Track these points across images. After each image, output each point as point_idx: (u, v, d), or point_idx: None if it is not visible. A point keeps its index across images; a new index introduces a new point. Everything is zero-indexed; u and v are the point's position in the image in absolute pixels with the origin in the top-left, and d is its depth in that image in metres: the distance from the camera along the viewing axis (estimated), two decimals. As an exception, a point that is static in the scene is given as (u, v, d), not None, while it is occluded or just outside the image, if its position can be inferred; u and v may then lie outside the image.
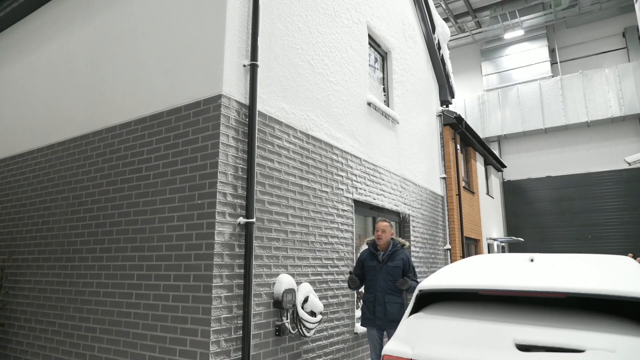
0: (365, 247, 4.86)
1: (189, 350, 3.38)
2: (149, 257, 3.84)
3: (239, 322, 3.58)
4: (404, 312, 4.03)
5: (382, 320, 4.43)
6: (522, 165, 19.05)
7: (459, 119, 10.39)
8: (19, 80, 5.88)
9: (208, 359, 3.26)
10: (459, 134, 11.04)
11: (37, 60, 5.69)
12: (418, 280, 4.43)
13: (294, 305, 4.12)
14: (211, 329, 3.31)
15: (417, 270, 7.45)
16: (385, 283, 4.46)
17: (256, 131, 3.95)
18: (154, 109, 4.13)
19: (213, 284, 3.38)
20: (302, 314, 4.18)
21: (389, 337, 4.32)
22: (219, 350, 3.36)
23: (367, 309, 4.54)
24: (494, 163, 15.97)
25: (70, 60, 5.17)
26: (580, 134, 18.07)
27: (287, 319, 4.10)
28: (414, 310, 2.90)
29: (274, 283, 4.04)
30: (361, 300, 4.79)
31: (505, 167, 17.89)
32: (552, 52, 19.42)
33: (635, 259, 5.91)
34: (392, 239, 4.69)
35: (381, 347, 4.43)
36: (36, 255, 4.91)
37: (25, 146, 5.47)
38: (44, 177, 5.08)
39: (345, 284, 5.24)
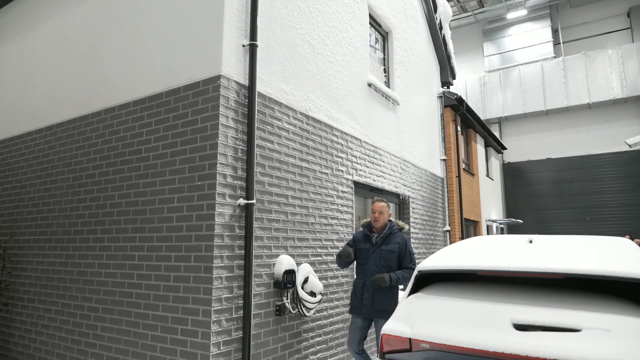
0: (361, 229, 4.56)
1: (191, 330, 3.43)
2: (149, 238, 3.86)
3: (239, 302, 3.62)
4: (395, 303, 3.89)
5: (368, 308, 4.10)
6: (523, 147, 19.01)
7: (460, 100, 10.32)
8: (16, 61, 5.82)
9: (209, 338, 3.31)
10: (460, 116, 10.99)
11: (33, 40, 5.61)
12: (414, 267, 4.09)
13: (294, 286, 4.16)
14: (212, 309, 3.35)
15: (416, 252, 7.52)
16: (376, 268, 4.12)
17: (256, 112, 3.92)
18: (152, 90, 4.10)
19: (214, 265, 3.41)
20: (302, 294, 4.22)
21: (377, 329, 4.15)
22: (220, 329, 3.41)
23: (354, 296, 4.24)
24: (495, 145, 15.94)
25: (67, 40, 5.11)
26: (581, 116, 17.97)
27: (287, 299, 4.14)
28: (413, 291, 2.93)
29: (274, 264, 4.08)
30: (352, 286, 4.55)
31: (506, 149, 17.84)
32: (555, 32, 19.17)
33: (632, 240, 5.95)
34: (389, 221, 4.37)
35: (362, 338, 4.19)
36: (37, 237, 4.93)
37: (24, 127, 5.44)
38: (44, 158, 5.07)
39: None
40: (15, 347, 4.86)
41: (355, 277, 4.41)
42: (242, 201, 3.73)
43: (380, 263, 4.13)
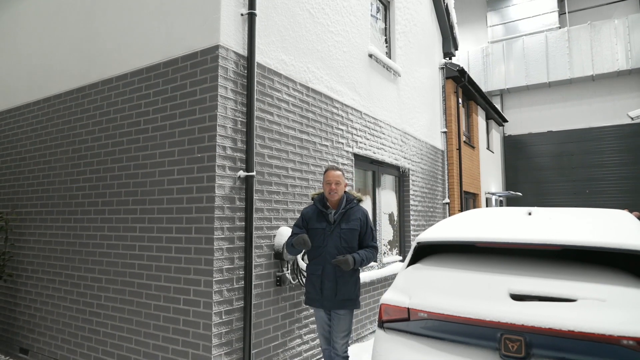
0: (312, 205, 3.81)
1: (193, 300, 3.49)
2: (150, 210, 3.88)
3: (240, 272, 3.67)
4: (359, 289, 3.58)
5: (331, 301, 3.49)
6: (524, 120, 18.88)
7: (462, 72, 10.19)
8: (9, 31, 5.71)
9: (211, 308, 3.37)
10: (462, 88, 10.86)
11: (25, 9, 5.49)
12: (377, 245, 3.64)
13: (295, 257, 4.20)
14: (213, 279, 3.40)
15: (415, 223, 7.58)
16: (337, 251, 3.48)
17: (255, 83, 3.87)
18: (149, 61, 4.03)
19: (214, 236, 3.44)
20: (302, 265, 4.27)
21: (335, 322, 3.54)
22: (222, 299, 3.47)
23: (312, 286, 3.58)
24: (496, 117, 15.83)
25: (63, 9, 4.99)
26: (584, 88, 17.77)
27: (287, 269, 4.20)
28: (412, 262, 2.97)
29: (274, 235, 4.11)
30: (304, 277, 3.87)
31: (507, 121, 17.72)
32: (560, 1, 18.74)
33: (631, 213, 5.97)
34: (345, 192, 3.67)
35: (330, 328, 3.62)
36: (39, 209, 4.96)
37: (22, 99, 5.39)
38: (42, 130, 5.04)
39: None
40: (21, 317, 4.96)
41: (307, 263, 3.73)
42: (242, 173, 3.73)
43: (341, 245, 3.49)
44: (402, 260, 7.14)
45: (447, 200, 9.33)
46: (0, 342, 5.19)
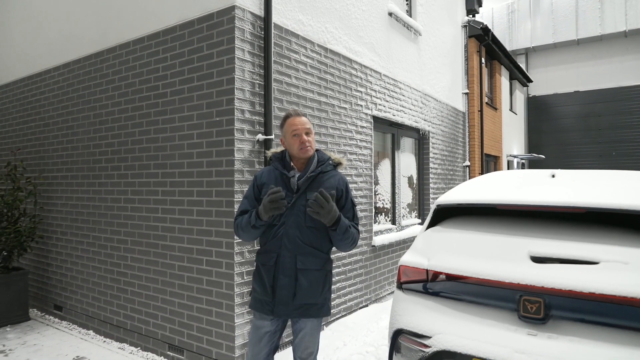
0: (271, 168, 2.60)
1: (215, 260, 3.59)
2: (171, 174, 3.94)
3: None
4: (329, 289, 2.49)
5: (286, 305, 2.34)
6: (549, 80, 18.22)
7: (486, 30, 9.80)
8: (27, -5, 5.69)
9: (233, 268, 3.47)
10: (485, 47, 10.48)
11: (42, -28, 5.44)
12: (359, 227, 2.52)
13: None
14: (235, 241, 3.48)
15: (434, 186, 7.53)
16: (299, 231, 2.36)
17: (272, 45, 3.80)
18: (166, 23, 3.99)
19: (234, 199, 3.49)
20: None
21: (302, 340, 2.47)
22: (243, 260, 3.55)
23: (259, 283, 2.43)
24: (520, 77, 15.31)
25: (76, -29, 4.93)
26: (615, 45, 16.94)
27: (307, 232, 4.24)
28: (431, 224, 2.96)
29: (293, 199, 4.14)
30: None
31: (532, 81, 17.14)
32: (593, -49, 17.62)
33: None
34: (316, 151, 2.55)
35: (271, 351, 2.49)
36: (64, 173, 5.09)
37: (42, 65, 5.43)
38: (63, 96, 5.09)
39: (364, 200, 5.31)
40: (54, 276, 5.20)
41: (259, 249, 2.54)
42: (260, 137, 3.72)
43: (305, 223, 2.37)
44: (421, 223, 7.15)
45: (467, 163, 9.20)
46: (35, 299, 5.47)
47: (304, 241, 2.38)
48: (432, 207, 2.98)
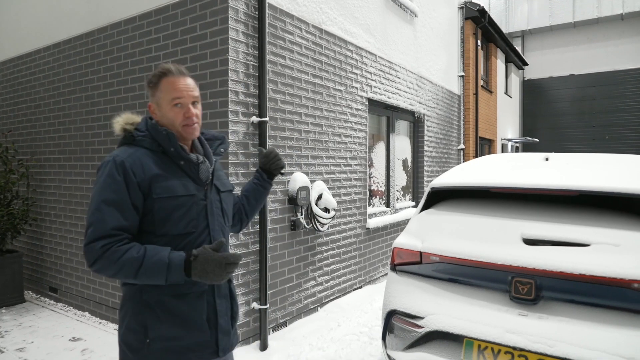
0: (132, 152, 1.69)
1: (210, 243, 3.59)
2: (165, 156, 3.91)
3: (255, 217, 3.74)
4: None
5: (228, 335, 1.70)
6: (545, 63, 18.17)
7: (482, 11, 9.71)
8: (15, -28, 5.55)
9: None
10: (481, 29, 10.40)
11: (29, -52, 5.29)
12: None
13: (308, 202, 4.26)
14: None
15: (429, 169, 7.55)
16: (224, 236, 1.77)
17: (267, 25, 3.75)
18: (158, 2, 3.91)
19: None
20: (316, 209, 4.34)
21: None
22: (238, 242, 3.56)
23: (179, 323, 1.56)
24: (516, 60, 15.24)
25: (65, -52, 4.80)
26: (611, 28, 16.87)
27: (301, 214, 4.26)
28: (425, 207, 2.98)
29: (288, 181, 4.14)
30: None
31: (527, 64, 17.08)
32: None
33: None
34: None
35: None
36: (57, 155, 5.04)
37: (32, 45, 5.32)
38: (54, 77, 5.01)
39: (358, 182, 5.32)
40: (48, 258, 5.20)
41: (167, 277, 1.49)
42: (255, 119, 3.70)
43: (225, 222, 1.79)
44: (415, 206, 7.19)
45: (462, 146, 9.22)
46: (30, 282, 5.48)
47: (228, 247, 1.78)
48: (427, 189, 2.99)
